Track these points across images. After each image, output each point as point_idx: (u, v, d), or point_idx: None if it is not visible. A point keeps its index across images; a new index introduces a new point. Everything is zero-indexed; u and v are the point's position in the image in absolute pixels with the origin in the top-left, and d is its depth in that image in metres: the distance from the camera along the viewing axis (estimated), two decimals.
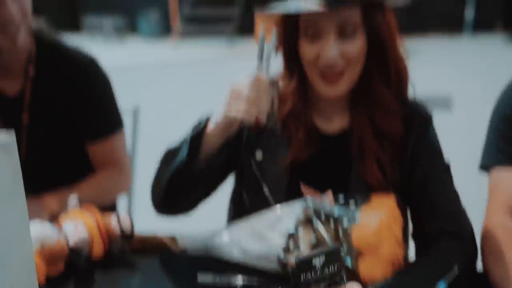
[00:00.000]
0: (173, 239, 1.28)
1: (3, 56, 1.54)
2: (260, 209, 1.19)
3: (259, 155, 1.26)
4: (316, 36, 1.15)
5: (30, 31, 1.54)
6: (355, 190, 1.20)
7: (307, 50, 1.17)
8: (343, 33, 1.15)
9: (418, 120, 1.24)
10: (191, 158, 1.20)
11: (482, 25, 10.08)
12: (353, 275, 1.01)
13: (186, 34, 10.85)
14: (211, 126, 1.21)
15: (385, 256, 1.02)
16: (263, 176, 1.26)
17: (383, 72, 1.22)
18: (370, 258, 1.02)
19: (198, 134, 1.21)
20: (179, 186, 1.25)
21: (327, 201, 1.11)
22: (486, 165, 1.28)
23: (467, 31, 10.23)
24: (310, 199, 1.11)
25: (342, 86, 1.19)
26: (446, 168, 1.24)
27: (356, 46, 1.16)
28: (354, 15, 1.15)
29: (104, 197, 1.65)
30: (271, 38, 1.22)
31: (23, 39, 1.51)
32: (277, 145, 1.26)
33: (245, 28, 9.98)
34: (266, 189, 1.25)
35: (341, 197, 1.13)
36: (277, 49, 1.24)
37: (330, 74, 1.17)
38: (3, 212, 0.86)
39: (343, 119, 1.27)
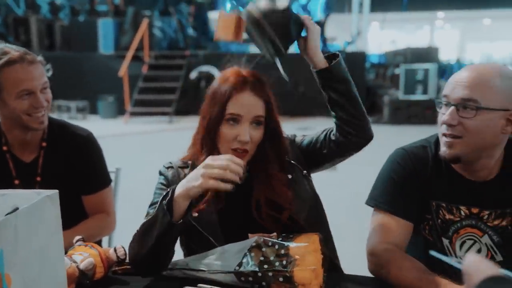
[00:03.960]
0: None
1: (28, 134, 1.59)
2: (206, 249, 1.23)
3: (194, 213, 1.26)
4: (235, 124, 1.27)
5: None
6: (268, 225, 1.29)
7: (229, 131, 1.27)
8: (254, 123, 1.28)
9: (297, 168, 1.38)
10: (170, 223, 1.14)
11: None
12: (289, 277, 1.10)
13: (135, 114, 10.81)
14: (178, 193, 1.15)
15: (310, 263, 1.12)
16: (201, 226, 1.29)
17: (274, 149, 1.35)
18: (301, 265, 1.11)
19: (170, 201, 1.15)
20: (163, 248, 1.20)
21: (272, 236, 1.20)
22: (372, 204, 1.36)
23: None
24: (261, 237, 1.18)
25: (246, 159, 1.29)
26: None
27: (260, 133, 1.30)
28: (261, 111, 1.28)
29: (95, 236, 1.67)
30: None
31: (46, 121, 1.57)
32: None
33: (180, 111, 10.15)
34: (205, 234, 1.30)
35: (282, 234, 1.20)
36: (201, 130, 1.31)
37: (240, 151, 1.27)
38: (49, 244, 0.93)
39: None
